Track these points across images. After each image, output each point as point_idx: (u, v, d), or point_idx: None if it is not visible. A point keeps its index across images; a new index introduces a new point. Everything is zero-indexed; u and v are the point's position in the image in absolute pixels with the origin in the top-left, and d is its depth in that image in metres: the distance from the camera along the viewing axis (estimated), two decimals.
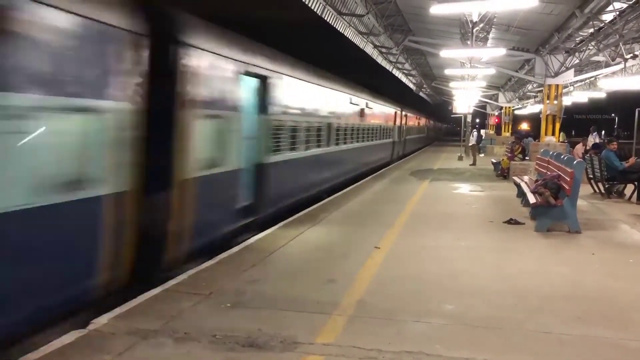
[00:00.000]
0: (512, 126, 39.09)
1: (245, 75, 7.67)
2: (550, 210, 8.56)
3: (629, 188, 12.23)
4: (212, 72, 6.68)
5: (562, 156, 10.17)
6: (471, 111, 30.92)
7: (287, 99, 9.90)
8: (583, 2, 13.13)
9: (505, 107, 38.71)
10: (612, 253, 7.20)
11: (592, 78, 24.89)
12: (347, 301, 5.03)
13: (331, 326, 4.41)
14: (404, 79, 38.73)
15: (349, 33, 20.45)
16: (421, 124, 40.93)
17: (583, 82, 28.45)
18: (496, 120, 45.11)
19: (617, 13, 12.67)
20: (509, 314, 4.74)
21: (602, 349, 4.03)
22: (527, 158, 17.77)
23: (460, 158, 25.86)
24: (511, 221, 9.12)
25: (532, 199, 8.89)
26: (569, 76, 18.79)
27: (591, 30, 15.13)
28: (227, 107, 7.15)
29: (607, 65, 18.97)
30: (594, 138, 21.63)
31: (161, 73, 5.55)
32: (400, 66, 32.22)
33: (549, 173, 9.93)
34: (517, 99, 37.99)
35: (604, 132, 23.81)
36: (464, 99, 28.31)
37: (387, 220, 9.28)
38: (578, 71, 20.91)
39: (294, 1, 15.97)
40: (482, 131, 39.65)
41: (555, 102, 18.51)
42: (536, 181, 10.09)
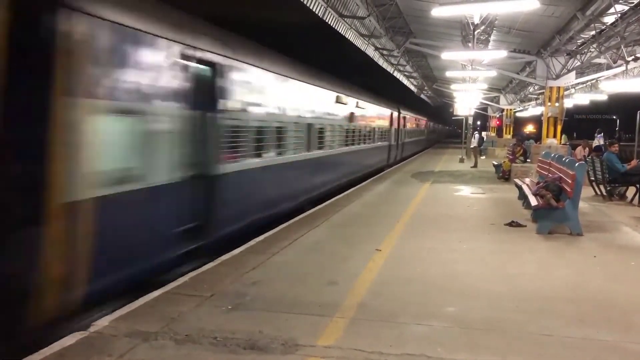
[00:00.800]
0: (515, 128, 38.97)
1: (184, 59, 6.24)
2: (551, 212, 8.54)
3: (631, 190, 12.20)
4: (124, 51, 5.25)
5: (564, 158, 10.16)
6: (472, 113, 30.90)
7: (250, 94, 8.37)
8: (584, 5, 13.15)
9: (506, 109, 38.70)
10: (614, 255, 7.19)
11: (594, 80, 24.89)
12: (348, 303, 5.02)
13: (332, 328, 4.40)
14: (405, 81, 38.74)
15: (350, 35, 20.49)
16: (421, 126, 39.16)
17: (584, 85, 28.45)
18: (497, 122, 45.12)
19: (619, 15, 12.68)
20: (510, 317, 4.73)
21: (604, 352, 4.02)
22: (529, 160, 17.77)
23: (461, 160, 25.86)
24: (512, 223, 9.11)
25: (534, 201, 8.88)
26: (571, 78, 18.82)
27: (592, 32, 15.15)
28: (152, 100, 5.64)
29: (609, 67, 18.98)
30: (599, 140, 21.60)
31: (27, 47, 4.21)
32: (401, 68, 32.25)
33: (550, 175, 9.93)
34: (519, 101, 37.98)
35: (603, 135, 23.77)
36: (465, 101, 28.31)
37: (389, 222, 9.28)
38: (579, 73, 20.92)
39: (295, 3, 15.95)
40: (484, 133, 39.66)
41: (556, 105, 18.51)
42: (537, 183, 10.08)
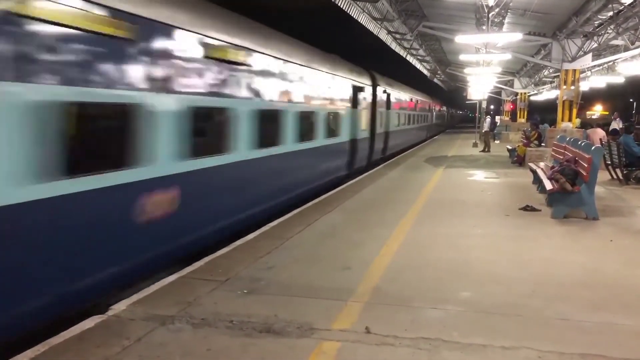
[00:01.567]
0: (528, 113, 38.43)
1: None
2: (567, 196, 8.46)
3: None
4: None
5: (580, 142, 10.03)
6: (486, 97, 30.58)
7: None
8: None
9: (520, 93, 38.25)
10: (631, 240, 7.11)
11: (611, 62, 24.46)
12: (363, 288, 5.03)
13: (347, 313, 4.42)
14: (418, 65, 38.37)
15: (363, 19, 20.28)
16: (421, 109, 30.23)
17: (601, 67, 27.98)
18: (511, 106, 44.62)
19: None
20: (526, 302, 4.71)
21: (622, 337, 3.99)
22: (543, 144, 17.57)
23: (474, 145, 25.66)
24: (527, 208, 9.04)
25: (549, 186, 8.79)
26: (587, 61, 18.50)
27: (610, 13, 14.85)
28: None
29: (626, 49, 18.62)
30: (617, 124, 21.31)
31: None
32: (414, 52, 31.92)
33: (564, 158, 9.81)
34: (533, 85, 37.52)
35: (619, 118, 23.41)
36: (479, 85, 28.01)
37: (402, 207, 9.25)
38: (596, 55, 20.55)
39: None
40: (497, 117, 39.25)
41: (572, 88, 18.24)
42: (552, 167, 9.96)
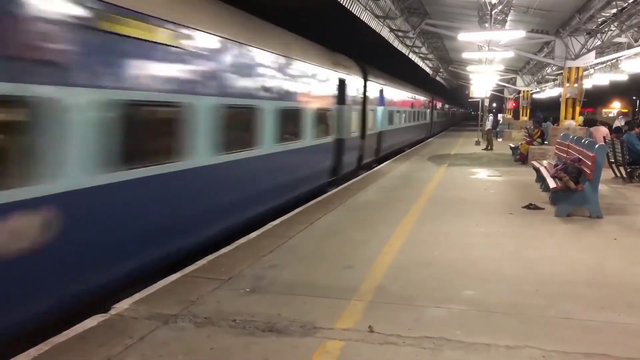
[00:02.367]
0: (530, 111, 38.31)
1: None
2: (570, 195, 8.43)
3: None
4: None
5: (583, 140, 9.99)
6: (488, 95, 30.51)
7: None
8: None
9: (523, 91, 38.13)
10: (635, 238, 7.08)
11: (614, 60, 24.36)
12: (366, 287, 5.02)
13: (350, 312, 4.41)
14: (421, 63, 38.27)
15: (365, 16, 20.23)
16: (421, 106, 28.78)
17: (604, 65, 27.87)
18: (514, 104, 44.52)
19: None
20: (530, 300, 4.69)
21: (626, 336, 3.97)
22: (546, 142, 17.52)
23: (477, 143, 25.61)
24: (530, 206, 9.02)
25: (552, 184, 8.77)
26: (590, 58, 18.41)
27: (614, 10, 14.78)
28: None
29: (630, 46, 18.55)
30: (619, 121, 21.27)
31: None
32: (416, 50, 31.85)
33: (568, 157, 9.78)
34: (536, 83, 37.39)
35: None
36: (481, 83, 27.94)
37: (405, 206, 9.23)
38: (599, 53, 20.47)
39: None
40: (499, 115, 39.15)
41: (575, 85, 18.17)
42: (555, 165, 9.93)
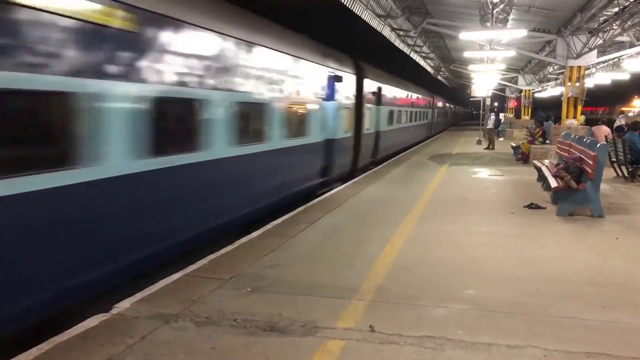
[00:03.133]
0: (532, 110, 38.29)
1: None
2: (572, 194, 8.42)
3: None
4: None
5: (585, 139, 9.97)
6: (490, 94, 30.49)
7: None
8: None
9: (525, 90, 38.10)
10: (637, 238, 7.06)
11: (616, 59, 24.33)
12: (367, 286, 5.02)
13: (351, 311, 4.40)
14: (422, 62, 38.26)
15: (366, 16, 20.23)
16: (421, 105, 27.25)
17: (606, 64, 27.83)
18: (515, 103, 44.47)
19: None
20: (532, 300, 4.68)
21: (628, 335, 3.96)
22: (548, 142, 17.50)
23: (478, 142, 25.61)
24: (532, 206, 9.00)
25: (554, 183, 8.75)
26: (592, 57, 18.41)
27: (616, 9, 14.76)
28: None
29: (632, 45, 18.52)
30: (620, 120, 21.27)
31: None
32: (418, 49, 31.84)
33: (569, 156, 9.76)
34: (537, 82, 37.36)
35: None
36: (483, 82, 27.91)
37: (406, 205, 9.22)
38: (601, 52, 20.45)
39: None
40: (501, 115, 39.11)
41: (577, 84, 18.15)
42: (557, 165, 9.92)
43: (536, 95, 42.26)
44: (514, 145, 19.11)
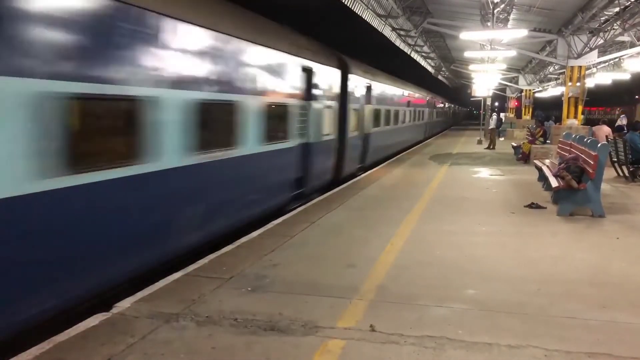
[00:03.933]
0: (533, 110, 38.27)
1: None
2: (572, 194, 8.42)
3: None
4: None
5: (586, 139, 9.96)
6: (490, 94, 30.49)
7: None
8: None
9: (525, 90, 38.09)
10: (637, 238, 7.06)
11: (617, 59, 24.33)
12: (368, 286, 5.02)
13: (352, 311, 4.40)
14: (423, 62, 38.26)
15: (367, 15, 20.23)
16: (418, 105, 25.97)
17: (606, 64, 27.83)
18: (516, 103, 44.46)
19: None
20: (532, 300, 4.68)
21: (629, 335, 3.96)
22: (549, 141, 17.49)
23: (479, 142, 25.59)
24: (533, 205, 9.00)
25: (554, 183, 8.75)
26: (593, 57, 18.40)
27: (616, 9, 14.75)
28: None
29: (632, 45, 18.52)
30: (621, 120, 21.28)
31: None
32: (418, 49, 31.83)
33: (571, 156, 9.75)
34: (538, 82, 37.35)
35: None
36: (484, 82, 27.91)
37: (407, 205, 9.22)
38: (602, 52, 20.45)
39: None
40: (502, 114, 39.08)
41: (577, 84, 18.14)
42: (558, 164, 9.91)
43: (537, 95, 42.25)
44: (515, 145, 19.10)
